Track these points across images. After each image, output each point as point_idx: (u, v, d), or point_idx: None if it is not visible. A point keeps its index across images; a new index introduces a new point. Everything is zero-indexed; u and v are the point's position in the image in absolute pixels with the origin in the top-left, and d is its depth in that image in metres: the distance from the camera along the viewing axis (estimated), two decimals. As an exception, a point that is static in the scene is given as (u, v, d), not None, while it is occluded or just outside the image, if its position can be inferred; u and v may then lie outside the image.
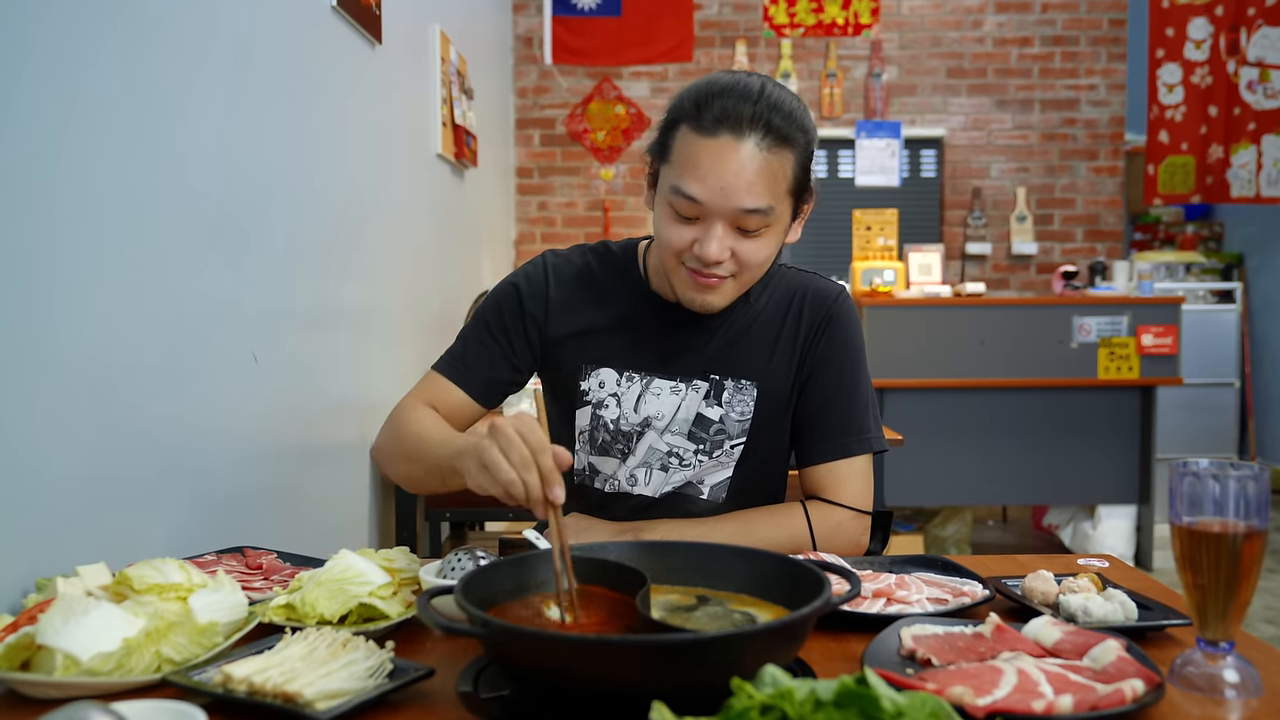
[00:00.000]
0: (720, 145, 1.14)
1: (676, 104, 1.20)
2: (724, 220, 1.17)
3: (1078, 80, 5.19)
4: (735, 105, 1.14)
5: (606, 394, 1.32)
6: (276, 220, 1.67)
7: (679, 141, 1.17)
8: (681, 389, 1.32)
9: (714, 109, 1.15)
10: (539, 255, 1.39)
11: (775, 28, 4.26)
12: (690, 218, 1.18)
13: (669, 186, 1.18)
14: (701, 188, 1.15)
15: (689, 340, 1.32)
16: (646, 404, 1.32)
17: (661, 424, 1.32)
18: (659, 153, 1.22)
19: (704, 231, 1.17)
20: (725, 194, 1.15)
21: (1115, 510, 3.99)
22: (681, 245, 1.19)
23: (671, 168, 1.18)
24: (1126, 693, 0.75)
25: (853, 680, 0.65)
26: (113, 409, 1.16)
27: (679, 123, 1.18)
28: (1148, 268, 4.73)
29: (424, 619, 0.78)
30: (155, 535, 1.24)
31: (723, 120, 1.14)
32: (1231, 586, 0.82)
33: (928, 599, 1.04)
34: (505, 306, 1.35)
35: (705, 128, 1.15)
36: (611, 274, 1.35)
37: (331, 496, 2.04)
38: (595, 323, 1.33)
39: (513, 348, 1.35)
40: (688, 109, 1.17)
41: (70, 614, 0.81)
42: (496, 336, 1.35)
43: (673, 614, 0.87)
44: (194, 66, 1.38)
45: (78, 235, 1.10)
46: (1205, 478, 0.83)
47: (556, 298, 1.34)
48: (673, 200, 1.18)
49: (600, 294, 1.34)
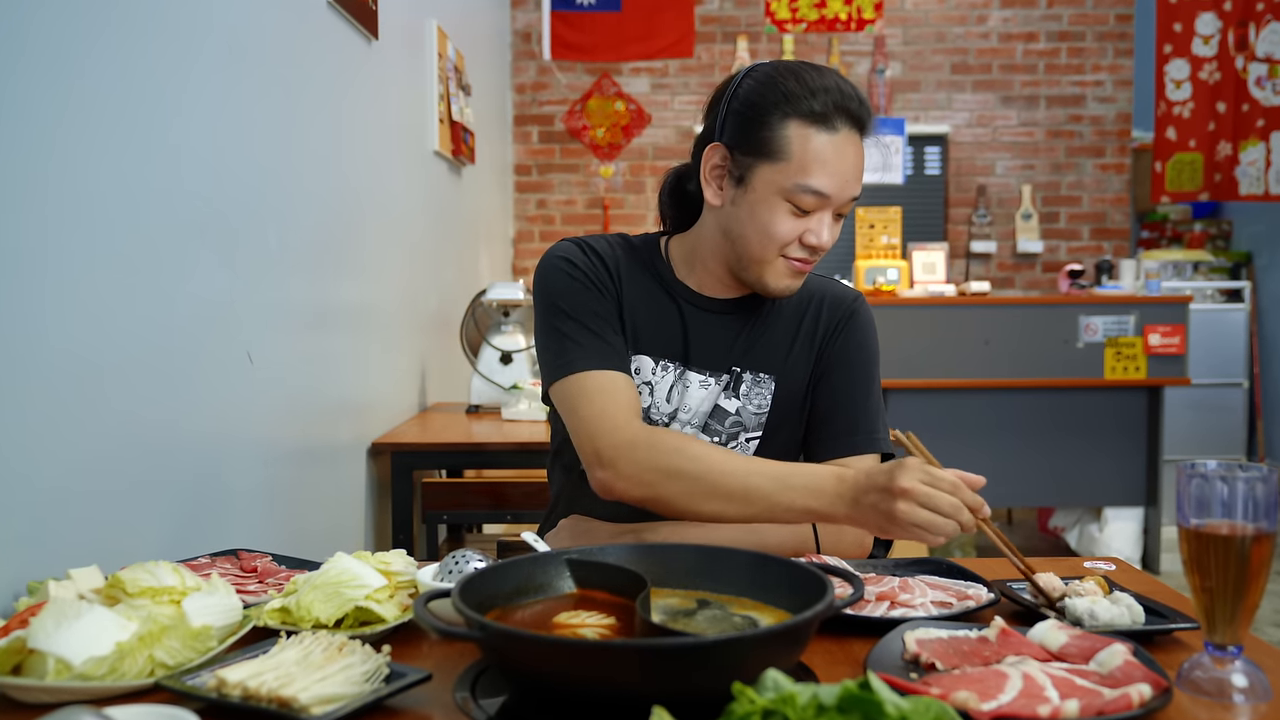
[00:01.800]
0: (843, 140, 1.19)
1: (772, 96, 1.20)
2: (834, 209, 1.23)
3: (1084, 76, 5.17)
4: (844, 100, 1.19)
5: (640, 381, 1.31)
6: (270, 218, 1.67)
7: (795, 137, 1.19)
8: (710, 383, 1.32)
9: (827, 102, 1.19)
10: (559, 242, 1.33)
11: (777, 23, 4.24)
12: (808, 210, 1.21)
13: (792, 185, 1.19)
14: (832, 183, 1.19)
15: (715, 334, 1.33)
16: (677, 395, 1.32)
17: (687, 416, 1.32)
18: (756, 150, 1.20)
19: (816, 222, 1.22)
20: (847, 186, 1.21)
21: (1122, 512, 3.97)
22: (792, 238, 1.23)
23: (790, 165, 1.19)
24: (1133, 697, 0.75)
25: (856, 685, 0.65)
26: (105, 410, 1.16)
27: (785, 117, 1.19)
28: (1155, 266, 4.71)
29: (421, 622, 0.78)
30: (148, 538, 1.24)
31: (839, 114, 1.19)
32: (1240, 590, 0.82)
33: (931, 602, 1.03)
34: (581, 279, 1.27)
35: (825, 122, 1.19)
36: (639, 265, 1.35)
37: (327, 498, 2.03)
38: (632, 307, 1.32)
39: (612, 310, 1.29)
40: (796, 102, 1.19)
41: (62, 618, 0.80)
42: (598, 309, 1.26)
43: (673, 618, 0.87)
44: (187, 62, 1.37)
45: (69, 234, 1.09)
46: (1213, 479, 0.83)
47: (601, 275, 1.30)
48: (795, 197, 1.20)
49: (635, 280, 1.33)
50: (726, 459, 1.16)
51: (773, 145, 1.19)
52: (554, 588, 0.90)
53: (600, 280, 1.29)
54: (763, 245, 1.23)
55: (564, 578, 0.91)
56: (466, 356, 2.87)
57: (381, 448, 2.34)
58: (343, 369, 2.11)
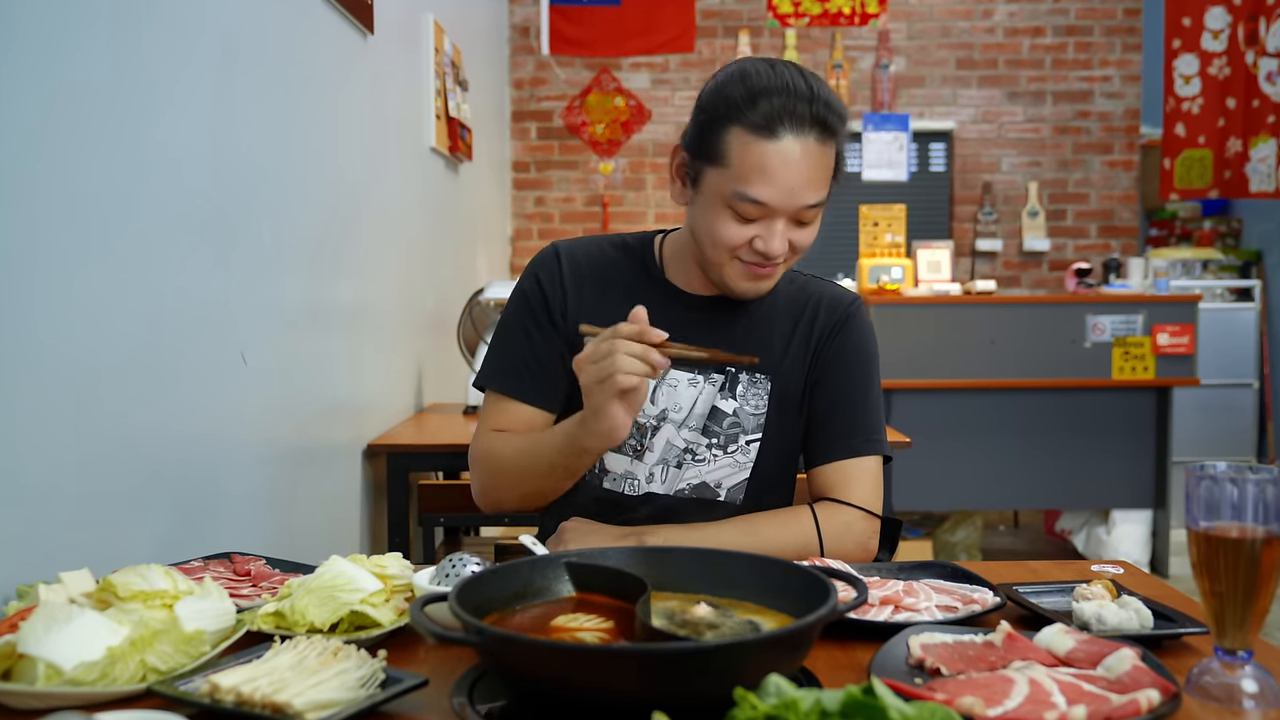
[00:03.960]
0: (785, 148, 1.17)
1: (717, 101, 1.21)
2: (786, 217, 1.21)
3: (1091, 71, 5.14)
4: (792, 104, 1.17)
5: None
6: (265, 216, 1.66)
7: (735, 145, 1.18)
8: (699, 381, 1.33)
9: (769, 109, 1.17)
10: (548, 247, 1.39)
11: (779, 17, 4.23)
12: (752, 218, 1.21)
13: (731, 192, 1.19)
14: (771, 192, 1.18)
15: (705, 331, 1.33)
16: (663, 395, 1.33)
17: (679, 417, 1.33)
18: (703, 153, 1.22)
19: (766, 229, 1.21)
20: (792, 195, 1.19)
21: (1130, 515, 3.95)
22: (740, 243, 1.23)
23: (729, 172, 1.19)
24: (1142, 703, 0.75)
25: (859, 690, 0.65)
26: (96, 410, 1.15)
27: (728, 123, 1.19)
28: (1163, 265, 4.69)
29: (417, 627, 0.77)
30: (140, 541, 1.23)
31: (782, 121, 1.17)
32: (1250, 594, 0.81)
33: (936, 606, 1.02)
34: (534, 301, 1.35)
35: (765, 130, 1.17)
36: (630, 266, 1.37)
37: (322, 501, 2.02)
38: (612, 310, 1.32)
39: (553, 341, 1.34)
40: (738, 108, 1.18)
41: (53, 622, 0.80)
42: (533, 335, 1.34)
43: (674, 622, 0.86)
44: (180, 56, 1.36)
45: (60, 231, 1.08)
46: (1223, 481, 0.82)
47: (574, 286, 1.34)
48: (735, 204, 1.20)
49: (619, 285, 1.35)
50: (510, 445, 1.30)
51: (716, 151, 1.20)
52: (553, 591, 0.90)
53: (557, 302, 1.34)
54: (713, 248, 1.25)
55: (563, 581, 0.91)
56: (463, 356, 2.86)
57: (377, 449, 2.32)
58: (338, 369, 2.10)
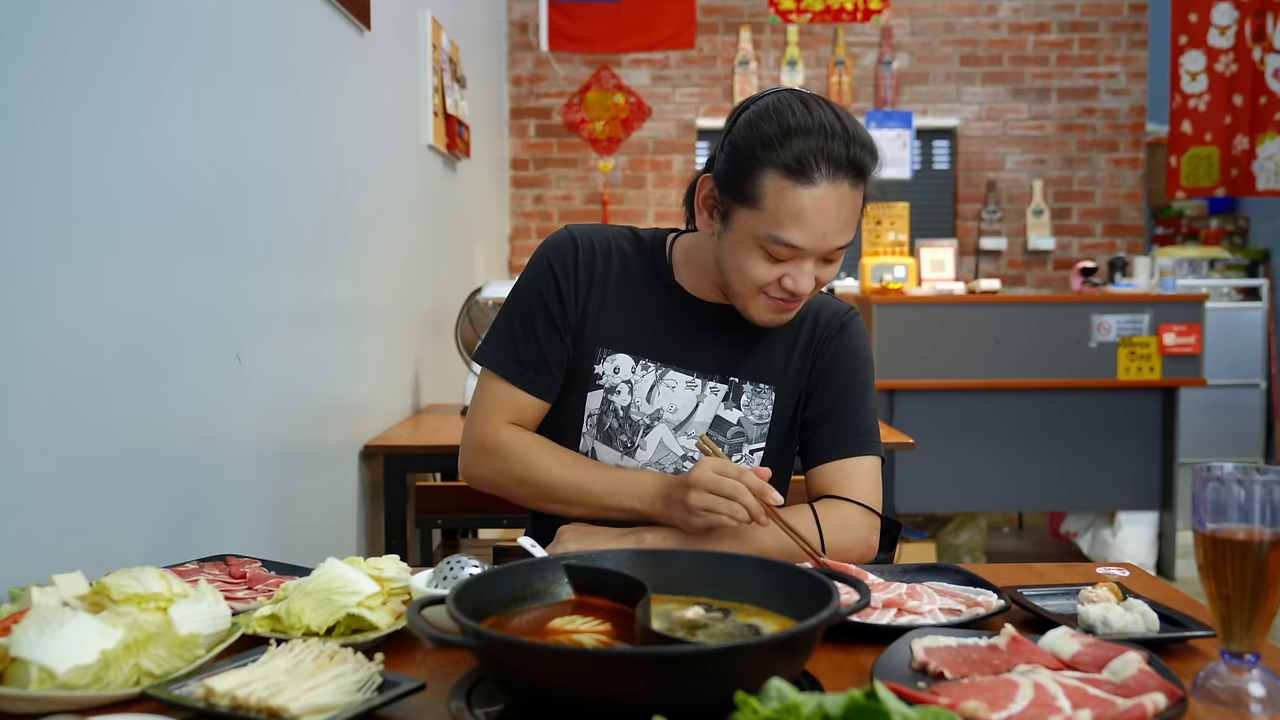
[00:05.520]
0: (821, 194, 1.17)
1: (750, 138, 1.19)
2: (816, 258, 1.21)
3: (1097, 68, 5.12)
4: (828, 147, 1.16)
5: (620, 380, 1.33)
6: (259, 215, 1.65)
7: (770, 188, 1.18)
8: (698, 385, 1.33)
9: (805, 151, 1.16)
10: (562, 230, 1.38)
11: (781, 13, 4.22)
12: (783, 259, 1.21)
13: (764, 234, 1.19)
14: (804, 237, 1.18)
15: (709, 338, 1.34)
16: (660, 395, 1.33)
17: (675, 418, 1.33)
18: (734, 191, 1.21)
19: (795, 269, 1.21)
20: (825, 239, 1.19)
21: (1136, 517, 3.94)
22: (769, 281, 1.23)
23: (763, 215, 1.19)
24: (1148, 707, 0.74)
25: (862, 694, 0.64)
26: (89, 411, 1.15)
27: (762, 164, 1.17)
28: (1170, 264, 4.67)
29: (415, 630, 0.77)
30: (134, 543, 1.23)
31: (817, 165, 1.16)
32: (1257, 596, 0.81)
33: (940, 609, 1.02)
34: (548, 294, 1.33)
35: (800, 175, 1.16)
36: (640, 261, 1.37)
37: (318, 502, 2.02)
38: (618, 306, 1.34)
39: (560, 333, 1.33)
40: (773, 148, 1.17)
41: (45, 625, 0.80)
42: (547, 331, 1.33)
43: (674, 625, 0.86)
44: (172, 52, 1.35)
45: (47, 230, 1.08)
46: (1230, 483, 0.82)
47: (585, 274, 1.34)
48: (767, 245, 1.20)
49: (627, 279, 1.35)
50: (568, 469, 1.29)
51: (749, 192, 1.19)
52: (552, 594, 0.89)
53: (566, 289, 1.33)
54: (740, 283, 1.25)
55: (562, 584, 0.90)
56: (461, 356, 2.85)
57: (374, 450, 2.32)
58: (334, 369, 2.09)
